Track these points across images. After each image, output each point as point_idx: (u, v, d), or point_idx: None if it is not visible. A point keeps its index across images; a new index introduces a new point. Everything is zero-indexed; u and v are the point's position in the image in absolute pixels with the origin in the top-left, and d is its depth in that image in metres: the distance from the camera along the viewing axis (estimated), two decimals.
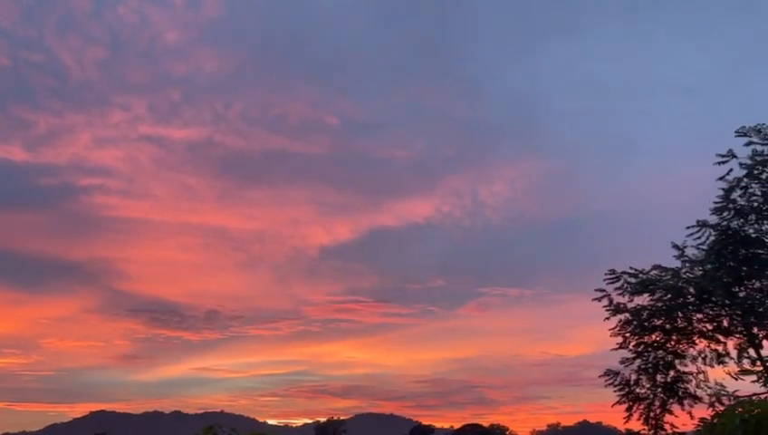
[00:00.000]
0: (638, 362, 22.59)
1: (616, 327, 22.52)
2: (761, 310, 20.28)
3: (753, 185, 20.42)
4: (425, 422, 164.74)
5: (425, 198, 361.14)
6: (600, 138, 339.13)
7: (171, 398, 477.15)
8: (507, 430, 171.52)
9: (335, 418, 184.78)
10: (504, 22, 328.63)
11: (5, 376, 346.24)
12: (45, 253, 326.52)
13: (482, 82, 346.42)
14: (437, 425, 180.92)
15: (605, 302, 22.46)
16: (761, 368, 20.11)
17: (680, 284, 21.36)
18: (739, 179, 20.36)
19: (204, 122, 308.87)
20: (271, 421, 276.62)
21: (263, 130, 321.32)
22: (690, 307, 21.55)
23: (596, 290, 22.66)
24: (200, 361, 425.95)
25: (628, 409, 22.66)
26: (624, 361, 22.70)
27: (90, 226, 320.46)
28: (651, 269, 22.01)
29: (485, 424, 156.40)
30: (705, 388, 21.84)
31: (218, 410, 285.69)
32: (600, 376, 23.20)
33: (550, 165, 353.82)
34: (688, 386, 22.26)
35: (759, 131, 20.01)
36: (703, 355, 22.08)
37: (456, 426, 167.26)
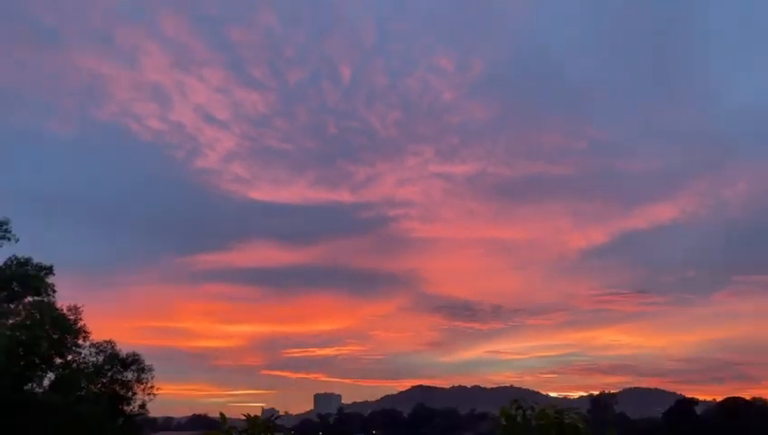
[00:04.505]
0: None
1: None
2: None
3: None
4: (688, 395, 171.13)
5: (670, 202, 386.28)
6: None
7: (471, 375, 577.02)
8: None
9: (606, 391, 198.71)
10: (733, 36, 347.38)
11: (351, 359, 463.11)
12: (369, 267, 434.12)
13: (714, 95, 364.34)
14: (700, 398, 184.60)
15: None
16: None
17: None
18: None
19: (478, 158, 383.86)
20: (552, 394, 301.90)
21: (524, 159, 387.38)
22: None
23: None
24: (490, 345, 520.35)
25: None
26: None
27: (399, 245, 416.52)
28: None
29: (747, 397, 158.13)
30: None
31: (509, 385, 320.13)
32: None
33: None
34: None
35: None
36: None
37: (719, 399, 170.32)
